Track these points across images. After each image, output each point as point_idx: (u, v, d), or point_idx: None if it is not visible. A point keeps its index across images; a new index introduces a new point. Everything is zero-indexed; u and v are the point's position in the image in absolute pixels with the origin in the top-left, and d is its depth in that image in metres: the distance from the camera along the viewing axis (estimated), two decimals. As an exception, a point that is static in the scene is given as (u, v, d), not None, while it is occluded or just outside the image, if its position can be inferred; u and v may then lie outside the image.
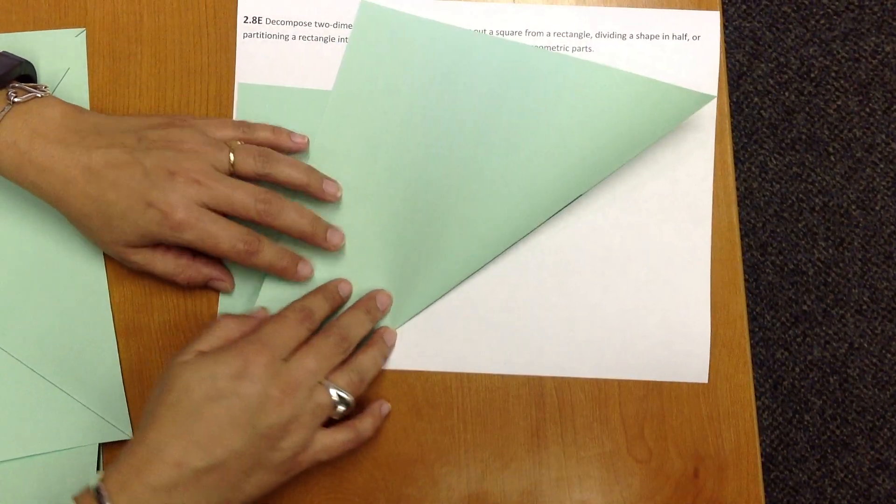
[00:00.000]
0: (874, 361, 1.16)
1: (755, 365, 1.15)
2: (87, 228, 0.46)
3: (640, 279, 0.50)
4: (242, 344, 0.43)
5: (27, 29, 0.52)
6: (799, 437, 1.15)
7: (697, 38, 0.51)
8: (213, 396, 0.41)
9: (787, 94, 1.20)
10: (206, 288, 0.50)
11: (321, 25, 0.52)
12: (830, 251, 1.18)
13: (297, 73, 0.52)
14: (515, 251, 0.50)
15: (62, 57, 0.52)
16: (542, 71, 0.50)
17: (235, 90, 0.52)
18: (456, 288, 0.50)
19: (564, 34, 0.51)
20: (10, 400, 0.48)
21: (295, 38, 0.52)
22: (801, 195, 1.19)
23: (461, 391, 0.50)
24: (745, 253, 1.17)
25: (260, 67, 0.52)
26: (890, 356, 1.16)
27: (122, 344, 0.50)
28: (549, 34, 0.51)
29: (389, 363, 0.50)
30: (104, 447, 0.49)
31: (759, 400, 1.15)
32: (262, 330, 0.44)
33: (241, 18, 0.52)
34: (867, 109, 1.20)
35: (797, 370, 1.16)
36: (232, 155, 0.46)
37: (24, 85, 0.46)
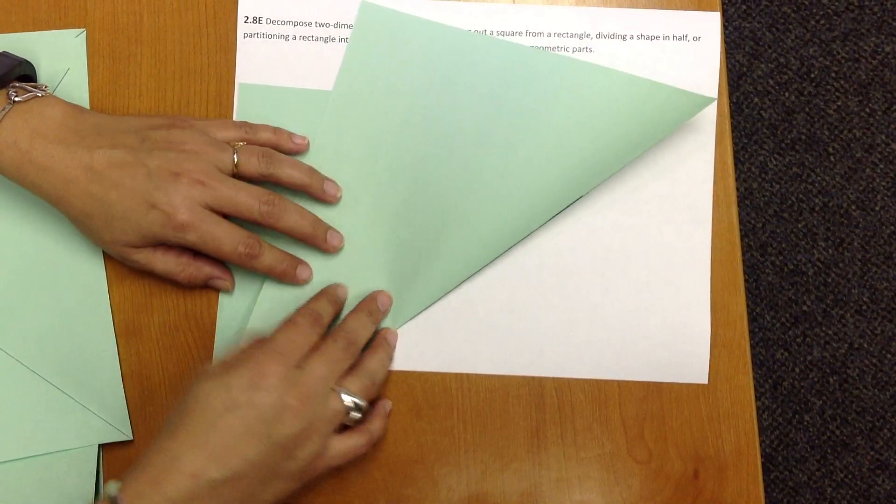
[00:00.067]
0: (874, 362, 1.16)
1: (755, 365, 1.15)
2: (87, 228, 0.46)
3: (640, 280, 0.50)
4: (256, 353, 0.43)
5: (27, 29, 0.52)
6: (799, 437, 1.15)
7: (698, 38, 0.51)
8: (228, 407, 0.41)
9: (787, 94, 1.20)
10: (206, 288, 0.50)
11: (321, 25, 0.52)
12: (830, 251, 1.18)
13: (297, 73, 0.52)
14: (516, 252, 0.50)
15: (62, 57, 0.52)
16: (542, 72, 0.50)
17: (235, 90, 0.52)
18: (456, 288, 0.50)
19: (565, 35, 0.51)
20: (9, 401, 0.48)
21: (295, 38, 0.52)
22: (801, 195, 1.19)
23: (461, 392, 0.50)
24: (745, 253, 1.17)
25: (260, 67, 0.52)
26: (890, 356, 1.16)
27: (121, 344, 0.50)
28: (549, 34, 0.51)
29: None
30: (104, 448, 0.49)
31: (759, 400, 1.15)
32: (274, 337, 0.44)
33: (241, 18, 0.52)
34: (867, 110, 1.20)
35: (797, 370, 1.16)
36: (235, 156, 0.46)
37: (24, 84, 0.46)
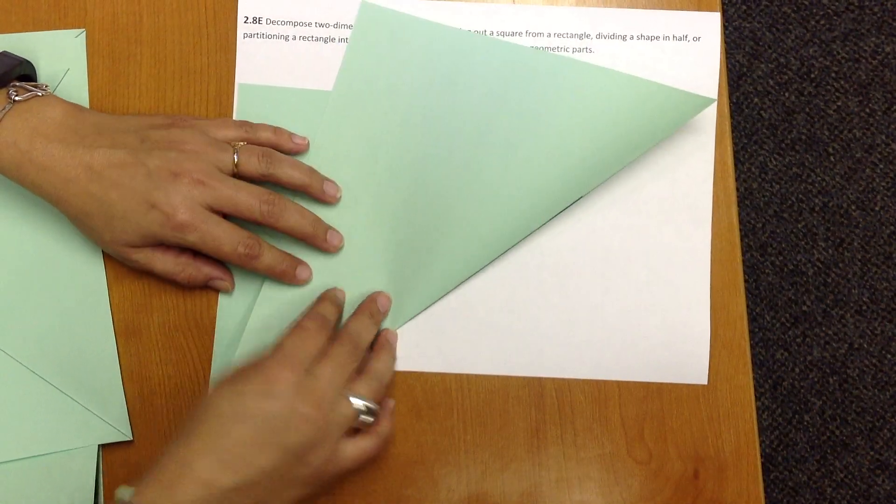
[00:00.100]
0: (874, 362, 1.16)
1: (755, 365, 1.15)
2: (87, 227, 0.46)
3: (640, 280, 0.50)
4: (267, 360, 0.43)
5: (27, 29, 0.52)
6: (799, 437, 1.15)
7: (698, 39, 0.51)
8: (239, 416, 0.40)
9: (787, 94, 1.20)
10: (205, 288, 0.50)
11: (321, 26, 0.52)
12: (830, 251, 1.18)
13: (297, 73, 0.52)
14: (515, 252, 0.50)
15: (62, 57, 0.51)
16: (542, 73, 0.50)
17: (235, 90, 0.52)
18: (456, 289, 0.50)
19: (565, 35, 0.51)
20: (8, 401, 0.48)
21: (295, 38, 0.52)
22: (801, 195, 1.19)
23: (461, 392, 0.50)
24: (744, 254, 1.17)
25: (260, 68, 0.52)
26: (890, 356, 1.16)
27: (121, 344, 0.50)
28: (549, 35, 0.51)
29: (389, 364, 0.50)
30: (103, 448, 0.49)
31: (758, 400, 1.15)
32: (284, 343, 0.44)
33: (241, 19, 0.52)
34: (867, 110, 1.20)
35: (797, 371, 1.16)
36: (236, 156, 0.46)
37: (24, 84, 0.46)
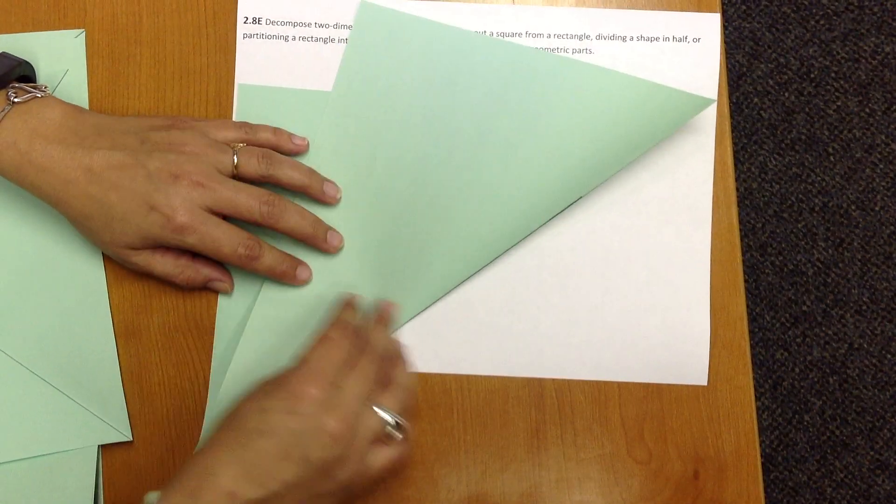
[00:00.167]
0: (874, 362, 1.16)
1: (755, 365, 1.15)
2: (87, 229, 0.46)
3: (640, 281, 0.50)
4: (291, 375, 0.42)
5: (26, 30, 0.52)
6: (799, 437, 1.15)
7: (698, 40, 0.51)
8: (263, 431, 0.40)
9: (786, 94, 1.20)
10: (205, 289, 0.50)
11: (321, 26, 0.52)
12: (830, 251, 1.18)
13: (296, 73, 0.51)
14: (516, 252, 0.50)
15: (61, 58, 0.51)
16: (542, 72, 0.50)
17: (235, 91, 0.52)
18: (456, 289, 0.50)
19: (564, 36, 0.51)
20: (8, 401, 0.48)
21: (295, 38, 0.52)
22: (800, 195, 1.19)
23: (461, 393, 0.50)
24: (745, 253, 1.17)
25: (260, 68, 0.52)
26: (890, 356, 1.16)
27: (121, 345, 0.50)
28: (549, 36, 0.51)
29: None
30: (103, 448, 0.49)
31: (758, 400, 1.15)
32: (310, 356, 0.43)
33: (240, 19, 0.52)
34: (867, 110, 1.20)
35: (797, 371, 1.16)
36: (235, 157, 0.46)
37: (24, 85, 0.46)
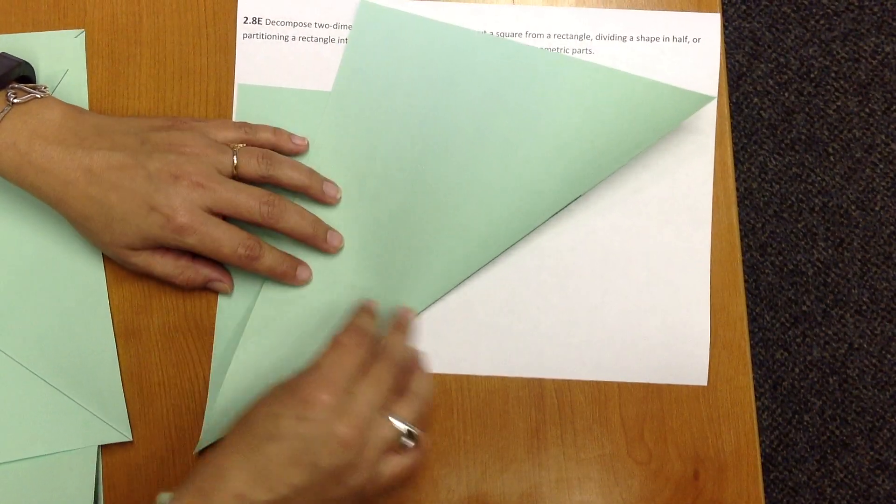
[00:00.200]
0: (874, 362, 1.16)
1: (755, 365, 1.15)
2: (87, 230, 0.46)
3: (639, 281, 0.50)
4: (304, 380, 0.42)
5: (26, 30, 0.52)
6: (799, 437, 1.15)
7: (698, 40, 0.51)
8: (273, 436, 0.40)
9: (786, 94, 1.20)
10: (205, 289, 0.50)
11: (321, 26, 0.52)
12: (830, 251, 1.18)
13: (296, 74, 0.51)
14: (516, 252, 0.50)
15: (61, 58, 0.51)
16: (541, 71, 0.50)
17: (235, 91, 0.52)
18: (456, 289, 0.50)
19: (565, 36, 0.51)
20: (8, 401, 0.48)
21: (295, 38, 0.52)
22: (800, 195, 1.19)
23: (461, 393, 0.50)
24: (745, 254, 1.17)
25: (260, 68, 0.52)
26: (890, 356, 1.16)
27: (121, 345, 0.50)
28: (549, 36, 0.51)
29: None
30: (103, 449, 0.49)
31: (758, 400, 1.15)
32: (322, 362, 0.42)
33: (240, 19, 0.52)
34: (867, 110, 1.20)
35: (797, 371, 1.16)
36: (235, 157, 0.46)
37: (23, 86, 0.46)
